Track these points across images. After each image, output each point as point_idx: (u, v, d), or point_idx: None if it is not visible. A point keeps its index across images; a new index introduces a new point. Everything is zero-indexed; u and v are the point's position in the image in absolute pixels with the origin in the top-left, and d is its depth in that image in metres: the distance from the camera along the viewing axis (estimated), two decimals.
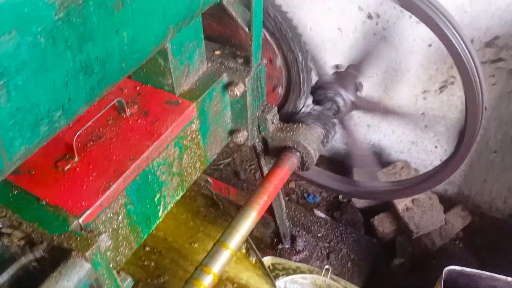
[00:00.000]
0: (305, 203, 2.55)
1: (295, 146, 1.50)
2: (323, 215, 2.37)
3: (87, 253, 0.94)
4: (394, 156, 2.46)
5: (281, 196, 1.92)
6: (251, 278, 1.37)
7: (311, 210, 2.44)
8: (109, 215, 1.07)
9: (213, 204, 1.55)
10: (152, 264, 1.40)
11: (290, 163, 1.49)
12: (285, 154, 1.50)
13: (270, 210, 1.97)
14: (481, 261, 2.20)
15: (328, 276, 1.46)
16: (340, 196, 2.53)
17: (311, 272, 1.50)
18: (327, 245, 2.16)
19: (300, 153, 1.51)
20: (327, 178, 2.05)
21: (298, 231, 2.18)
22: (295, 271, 1.55)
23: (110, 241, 1.03)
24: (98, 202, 1.02)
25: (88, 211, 1.00)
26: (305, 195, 2.60)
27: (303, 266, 1.58)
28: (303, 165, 1.54)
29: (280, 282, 1.48)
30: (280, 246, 2.11)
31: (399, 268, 2.19)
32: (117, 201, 1.09)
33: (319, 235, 2.20)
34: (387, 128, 2.39)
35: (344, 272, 2.01)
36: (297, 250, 2.10)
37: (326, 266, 1.47)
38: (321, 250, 2.13)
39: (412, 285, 2.18)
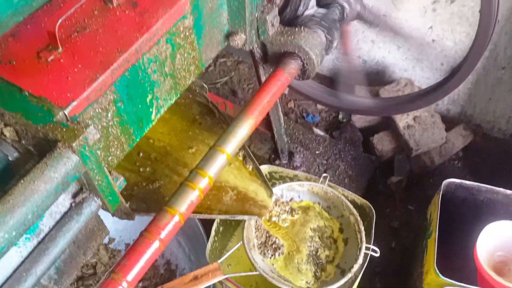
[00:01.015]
0: (304, 122, 2.51)
1: (296, 51, 1.41)
2: (322, 133, 2.34)
3: (74, 144, 0.89)
4: (398, 74, 2.38)
5: (280, 110, 1.86)
6: (249, 185, 1.34)
7: (310, 129, 2.39)
8: (97, 110, 1.01)
9: (208, 112, 1.49)
10: (148, 169, 1.37)
11: (291, 69, 1.40)
12: (286, 60, 1.42)
13: (268, 124, 1.93)
14: (479, 180, 2.19)
15: (326, 184, 1.44)
16: (340, 116, 2.48)
17: (308, 180, 1.48)
18: (325, 162, 2.14)
19: (301, 59, 1.42)
20: (326, 94, 1.98)
21: (296, 148, 2.15)
22: (292, 180, 1.53)
23: (99, 135, 0.97)
24: (85, 94, 0.95)
25: (74, 103, 0.94)
26: (304, 114, 2.54)
27: (301, 174, 1.56)
28: (304, 73, 1.46)
29: (276, 190, 1.46)
30: (277, 162, 2.09)
31: (396, 185, 2.18)
32: (106, 96, 1.02)
33: (317, 152, 2.17)
34: (392, 44, 2.28)
35: None
36: (295, 166, 2.09)
37: (324, 174, 1.44)
38: (318, 167, 2.11)
39: (409, 203, 2.20)
